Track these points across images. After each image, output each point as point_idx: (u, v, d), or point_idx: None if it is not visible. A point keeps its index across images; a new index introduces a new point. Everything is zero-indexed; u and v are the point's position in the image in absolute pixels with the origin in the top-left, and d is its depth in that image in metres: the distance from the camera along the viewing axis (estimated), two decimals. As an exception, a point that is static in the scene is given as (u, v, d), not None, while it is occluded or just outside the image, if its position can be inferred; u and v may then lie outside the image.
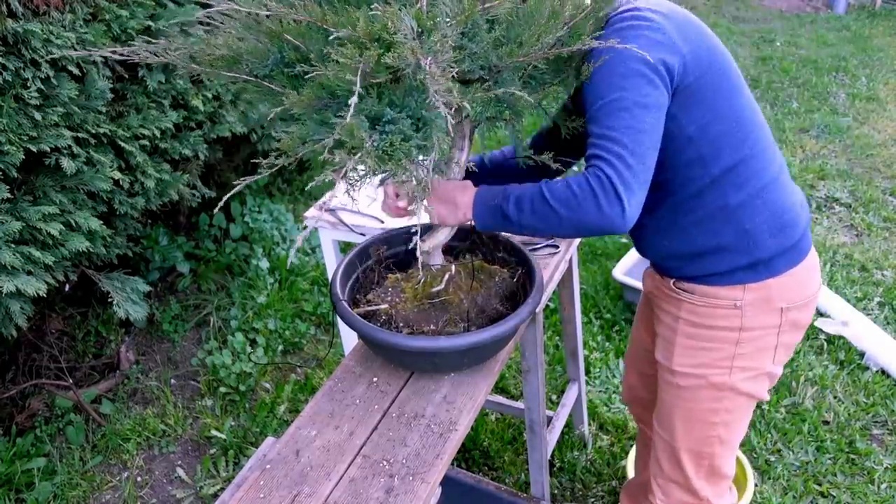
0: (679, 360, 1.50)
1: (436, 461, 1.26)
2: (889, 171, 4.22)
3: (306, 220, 2.25)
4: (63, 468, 2.40)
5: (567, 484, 2.35)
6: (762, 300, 1.41)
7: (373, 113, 1.04)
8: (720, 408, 1.50)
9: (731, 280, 1.40)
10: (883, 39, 6.53)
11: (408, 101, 1.05)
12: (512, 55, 1.09)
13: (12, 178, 1.99)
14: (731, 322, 1.43)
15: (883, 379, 2.69)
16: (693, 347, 1.48)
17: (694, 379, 1.49)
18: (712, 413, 1.51)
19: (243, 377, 2.76)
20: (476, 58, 1.10)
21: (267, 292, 3.18)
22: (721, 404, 1.50)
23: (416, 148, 1.02)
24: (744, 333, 1.43)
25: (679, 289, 1.47)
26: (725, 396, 1.49)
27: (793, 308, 1.43)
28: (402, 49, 0.94)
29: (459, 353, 1.35)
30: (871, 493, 2.26)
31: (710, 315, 1.44)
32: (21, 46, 1.90)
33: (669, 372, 1.53)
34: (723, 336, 1.44)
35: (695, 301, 1.45)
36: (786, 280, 1.41)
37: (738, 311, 1.41)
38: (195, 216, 3.40)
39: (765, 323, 1.43)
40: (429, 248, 1.43)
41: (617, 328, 2.99)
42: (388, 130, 1.02)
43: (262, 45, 1.12)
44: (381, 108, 1.03)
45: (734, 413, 1.52)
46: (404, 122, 1.03)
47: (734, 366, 1.46)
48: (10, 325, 2.09)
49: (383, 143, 1.01)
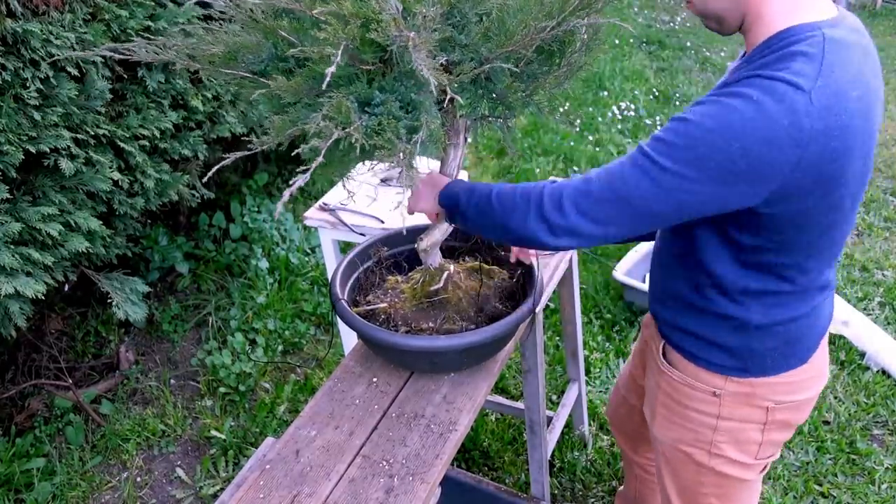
0: (659, 431, 1.41)
1: (436, 461, 1.26)
2: (889, 171, 4.22)
3: (306, 220, 2.25)
4: (62, 468, 2.40)
5: (567, 484, 2.34)
6: (744, 395, 1.27)
7: (363, 96, 1.05)
8: (706, 482, 1.39)
9: (715, 368, 1.27)
10: (883, 39, 6.53)
11: (397, 87, 1.06)
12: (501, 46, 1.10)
13: (11, 178, 1.98)
14: (708, 408, 1.31)
15: (883, 379, 2.69)
16: (672, 421, 1.38)
17: (675, 452, 1.40)
18: (699, 486, 1.41)
19: (243, 377, 2.76)
20: (466, 49, 1.10)
21: (266, 292, 3.18)
22: (707, 479, 1.39)
23: (404, 128, 1.03)
24: (721, 422, 1.30)
25: (664, 358, 1.37)
26: (708, 474, 1.38)
27: (780, 408, 1.28)
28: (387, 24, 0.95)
29: (459, 353, 1.35)
30: (871, 494, 2.25)
31: (687, 395, 1.32)
32: (20, 46, 1.90)
33: (654, 437, 1.45)
34: (699, 419, 1.32)
35: (675, 377, 1.33)
36: (777, 381, 1.26)
37: (716, 399, 1.29)
38: (195, 216, 3.40)
39: (745, 417, 1.30)
40: (426, 246, 1.43)
41: (617, 328, 2.99)
42: (377, 112, 1.03)
43: (256, 41, 1.13)
44: (371, 92, 1.04)
45: (724, 489, 1.39)
46: (393, 104, 1.04)
47: (712, 452, 1.34)
48: (9, 325, 2.09)
49: (372, 123, 1.02)
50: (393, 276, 1.55)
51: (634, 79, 5.60)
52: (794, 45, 1.02)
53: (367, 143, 1.00)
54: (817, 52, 0.99)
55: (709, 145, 0.98)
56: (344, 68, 1.05)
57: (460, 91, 1.15)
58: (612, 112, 5.01)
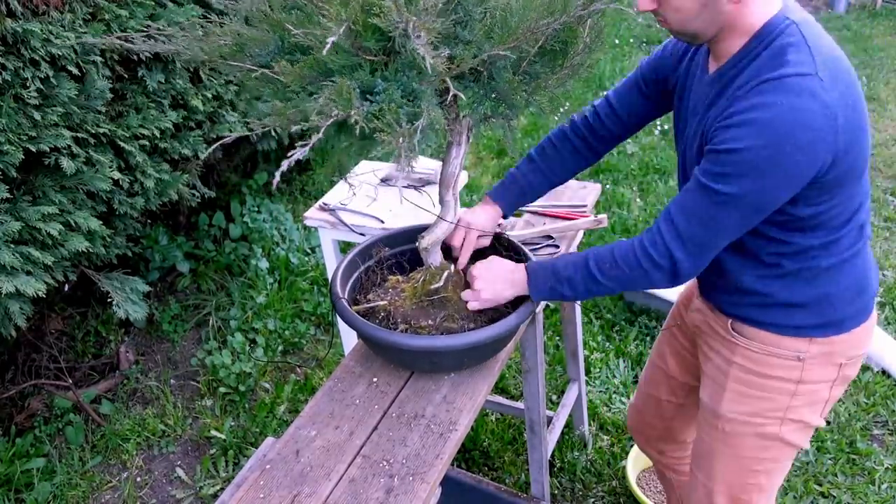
0: (728, 406, 1.43)
1: (436, 461, 1.26)
2: (889, 171, 4.22)
3: (306, 220, 2.25)
4: (62, 468, 2.40)
5: (567, 484, 2.34)
6: (826, 355, 1.35)
7: (365, 84, 1.06)
8: (765, 457, 1.45)
9: (797, 333, 1.34)
10: (883, 39, 6.53)
11: (400, 77, 1.07)
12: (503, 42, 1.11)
13: (12, 177, 1.98)
14: (790, 374, 1.37)
15: (883, 379, 2.69)
16: (745, 395, 1.41)
17: (742, 426, 1.43)
18: (756, 461, 1.46)
19: (243, 377, 2.76)
20: (469, 46, 1.11)
21: (266, 292, 3.18)
22: (767, 453, 1.44)
23: (405, 115, 1.04)
24: (801, 386, 1.37)
25: (736, 332, 1.40)
26: (773, 446, 1.43)
27: (849, 363, 1.38)
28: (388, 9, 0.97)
29: (459, 353, 1.35)
30: (871, 494, 2.25)
31: (768, 364, 1.37)
32: (20, 46, 1.90)
33: (714, 415, 1.47)
34: (779, 387, 1.38)
35: (753, 348, 1.38)
36: (850, 337, 1.36)
37: (799, 363, 1.35)
38: (195, 216, 3.40)
39: (822, 377, 1.37)
40: (427, 244, 1.43)
41: (617, 328, 2.99)
42: (378, 100, 1.05)
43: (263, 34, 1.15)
44: (373, 80, 1.06)
45: (778, 462, 1.47)
46: (395, 92, 1.06)
47: (786, 417, 1.40)
48: (9, 325, 2.09)
49: (373, 109, 1.04)
50: (394, 276, 1.55)
51: (634, 79, 5.60)
52: (777, 40, 1.15)
53: (366, 125, 1.01)
54: (799, 38, 1.13)
55: (767, 159, 1.10)
56: (347, 57, 1.05)
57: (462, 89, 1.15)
58: (612, 112, 5.01)
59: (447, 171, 1.38)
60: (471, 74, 1.21)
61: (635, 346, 2.86)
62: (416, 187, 2.36)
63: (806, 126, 1.08)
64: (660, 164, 4.33)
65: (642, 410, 1.84)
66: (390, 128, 1.01)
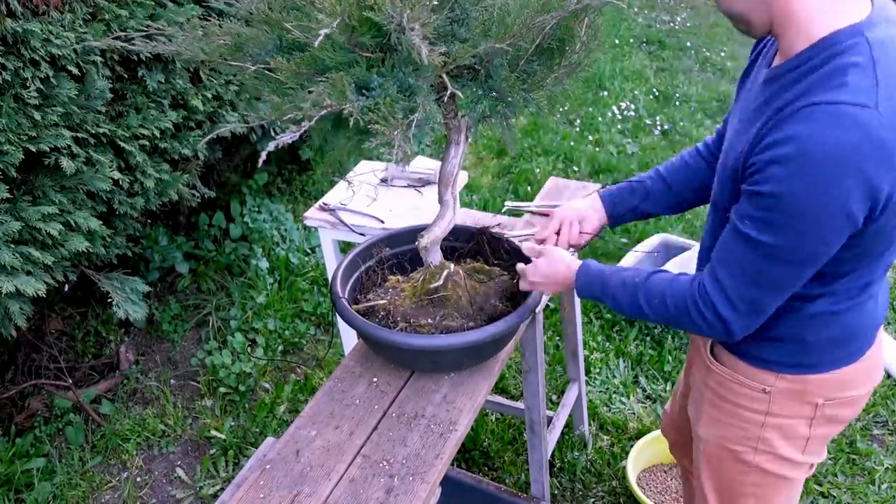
0: (705, 429, 1.41)
1: (436, 461, 1.26)
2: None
3: (306, 220, 2.25)
4: (62, 468, 2.40)
5: (567, 484, 2.34)
6: (796, 392, 1.26)
7: (361, 80, 1.06)
8: (747, 481, 1.39)
9: (766, 366, 1.27)
10: (883, 39, 6.52)
11: (396, 73, 1.07)
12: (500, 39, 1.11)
13: (12, 177, 1.98)
14: (757, 405, 1.30)
15: (883, 379, 2.69)
16: (718, 420, 1.38)
17: (719, 449, 1.40)
18: (739, 484, 1.41)
19: (243, 377, 2.76)
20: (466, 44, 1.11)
21: (266, 292, 3.18)
22: (748, 479, 1.38)
23: (401, 110, 1.04)
24: (770, 418, 1.30)
25: (712, 356, 1.37)
26: (752, 472, 1.37)
27: (831, 404, 1.27)
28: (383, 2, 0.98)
29: (459, 352, 1.35)
30: (871, 494, 2.25)
31: (736, 392, 1.32)
32: (20, 46, 1.90)
33: (696, 435, 1.45)
34: (748, 416, 1.32)
35: (724, 374, 1.33)
36: (829, 378, 1.25)
37: (766, 395, 1.28)
38: (195, 216, 3.40)
39: (795, 413, 1.29)
40: (427, 243, 1.43)
41: (617, 328, 2.99)
42: (374, 95, 1.05)
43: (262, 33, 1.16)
44: (369, 76, 1.06)
45: (764, 488, 1.39)
46: (391, 87, 1.06)
47: (759, 448, 1.34)
48: (9, 325, 2.09)
49: (369, 103, 1.04)
50: (394, 276, 1.55)
51: (634, 79, 5.60)
52: (840, 57, 0.99)
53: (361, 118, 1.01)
54: (867, 60, 0.97)
55: (816, 203, 0.98)
56: (344, 54, 1.06)
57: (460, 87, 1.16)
58: (612, 112, 5.01)
59: (446, 170, 1.38)
60: (468, 73, 1.21)
61: (635, 346, 2.86)
62: (416, 187, 2.36)
63: (858, 168, 0.95)
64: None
65: (672, 417, 1.80)
66: (385, 121, 1.02)
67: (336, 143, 1.20)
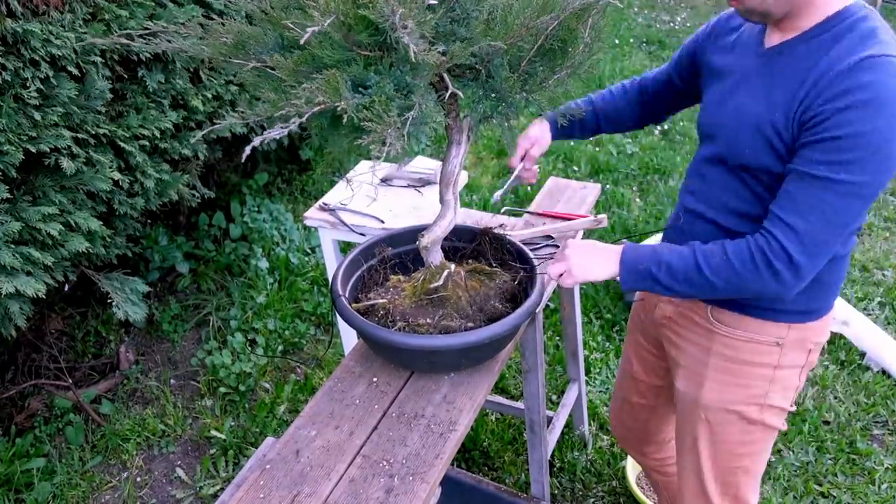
0: (710, 396, 1.45)
1: (436, 461, 1.26)
2: (889, 171, 4.22)
3: (306, 220, 2.25)
4: (62, 468, 2.40)
5: (567, 484, 2.34)
6: (800, 340, 1.37)
7: (358, 78, 1.06)
8: (748, 440, 1.46)
9: (779, 318, 1.34)
10: (883, 39, 6.53)
11: (393, 72, 1.08)
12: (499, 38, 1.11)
13: (12, 178, 1.98)
14: (768, 359, 1.38)
15: (883, 379, 2.69)
16: (726, 384, 1.42)
17: (725, 414, 1.45)
18: (740, 445, 1.47)
19: (243, 377, 2.76)
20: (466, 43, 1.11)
21: (266, 292, 3.18)
22: (750, 437, 1.46)
23: (397, 108, 1.04)
24: (777, 372, 1.39)
25: (716, 320, 1.40)
26: (755, 430, 1.45)
27: (814, 349, 1.41)
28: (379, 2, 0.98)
29: (457, 353, 1.35)
30: (871, 494, 2.25)
31: (749, 350, 1.38)
32: (20, 46, 1.90)
33: (696, 405, 1.48)
34: (758, 373, 1.40)
35: (734, 335, 1.39)
36: (820, 324, 1.38)
37: (778, 348, 1.36)
38: (195, 216, 3.40)
39: (795, 362, 1.40)
40: (427, 243, 1.43)
41: (617, 328, 2.99)
42: (370, 93, 1.05)
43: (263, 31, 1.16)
44: (366, 74, 1.06)
45: (762, 445, 1.49)
46: (388, 85, 1.06)
47: (765, 403, 1.42)
48: (9, 325, 2.09)
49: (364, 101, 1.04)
50: (396, 276, 1.55)
51: (634, 79, 5.60)
52: (862, 23, 1.14)
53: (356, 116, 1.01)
54: (881, 24, 1.15)
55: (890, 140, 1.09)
56: (341, 52, 1.06)
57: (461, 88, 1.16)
58: (612, 112, 5.01)
59: (447, 170, 1.38)
60: (469, 73, 1.21)
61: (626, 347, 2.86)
62: (416, 187, 2.36)
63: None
64: (660, 164, 4.33)
65: (618, 414, 1.89)
66: (379, 118, 1.02)
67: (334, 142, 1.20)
